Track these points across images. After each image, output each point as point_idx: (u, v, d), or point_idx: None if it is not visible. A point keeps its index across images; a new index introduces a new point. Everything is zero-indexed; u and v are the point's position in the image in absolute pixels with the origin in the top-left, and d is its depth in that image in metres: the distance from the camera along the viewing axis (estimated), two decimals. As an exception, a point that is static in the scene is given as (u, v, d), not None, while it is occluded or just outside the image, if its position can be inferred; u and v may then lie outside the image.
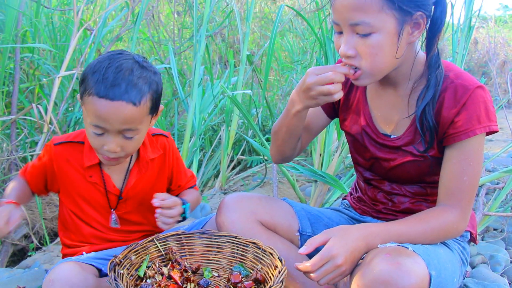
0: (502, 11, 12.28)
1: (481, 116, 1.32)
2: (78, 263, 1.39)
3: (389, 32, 1.27)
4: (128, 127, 1.39)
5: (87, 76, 1.38)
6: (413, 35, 1.31)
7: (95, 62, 1.40)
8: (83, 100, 1.39)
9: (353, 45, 1.29)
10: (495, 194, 2.67)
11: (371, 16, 1.25)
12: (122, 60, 1.39)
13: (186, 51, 4.38)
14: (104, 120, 1.36)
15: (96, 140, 1.42)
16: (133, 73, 1.37)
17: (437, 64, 1.36)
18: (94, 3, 3.84)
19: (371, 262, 1.21)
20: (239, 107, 2.31)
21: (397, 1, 1.24)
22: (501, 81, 6.89)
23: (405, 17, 1.27)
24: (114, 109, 1.34)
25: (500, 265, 2.10)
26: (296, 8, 4.81)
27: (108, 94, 1.34)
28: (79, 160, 1.54)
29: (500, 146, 4.14)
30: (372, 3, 1.24)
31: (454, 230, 1.36)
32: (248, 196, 1.61)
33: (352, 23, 1.27)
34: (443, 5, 1.32)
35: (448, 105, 1.34)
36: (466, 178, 1.34)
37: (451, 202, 1.36)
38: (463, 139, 1.33)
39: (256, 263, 1.47)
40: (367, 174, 1.60)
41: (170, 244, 1.54)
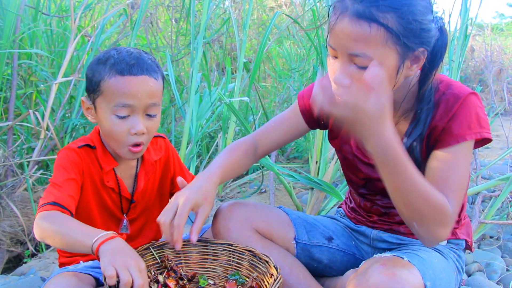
0: (498, 19, 12.35)
1: (472, 123, 1.29)
2: (75, 273, 1.38)
3: (389, 67, 1.20)
4: (153, 102, 1.43)
5: (97, 67, 1.41)
6: (411, 69, 1.26)
7: (101, 54, 1.44)
8: (101, 89, 1.40)
9: (349, 75, 1.20)
10: (491, 201, 2.67)
11: (373, 49, 1.17)
12: (127, 48, 1.45)
13: (184, 58, 4.39)
14: (133, 96, 1.39)
15: (120, 127, 1.41)
16: (143, 56, 1.44)
17: (428, 99, 1.32)
18: (92, 9, 3.84)
19: (366, 272, 1.21)
20: (236, 114, 2.31)
21: (403, 37, 1.17)
22: (498, 88, 6.90)
23: (407, 53, 1.21)
24: (140, 83, 1.39)
25: (496, 273, 2.10)
26: (294, 16, 4.82)
27: (131, 71, 1.39)
28: (97, 164, 1.53)
29: (496, 154, 4.15)
30: (376, 36, 1.16)
31: (440, 220, 1.21)
32: (244, 204, 1.62)
33: (351, 53, 1.19)
34: (443, 40, 1.27)
35: (441, 116, 1.32)
36: (454, 178, 1.27)
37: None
38: (452, 144, 1.29)
39: (252, 271, 1.46)
40: (361, 190, 1.59)
41: (166, 252, 1.53)
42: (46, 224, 1.26)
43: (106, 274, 1.09)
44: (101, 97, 1.42)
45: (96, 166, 1.52)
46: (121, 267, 1.11)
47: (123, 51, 1.43)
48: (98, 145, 1.52)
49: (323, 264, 1.64)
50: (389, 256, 1.29)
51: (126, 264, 1.12)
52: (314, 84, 1.59)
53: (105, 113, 1.42)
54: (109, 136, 1.45)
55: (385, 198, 1.53)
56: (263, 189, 3.33)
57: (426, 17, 1.21)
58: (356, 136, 1.20)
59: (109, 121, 1.42)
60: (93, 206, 1.55)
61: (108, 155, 1.52)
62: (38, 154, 2.60)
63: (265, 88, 5.19)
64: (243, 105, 3.96)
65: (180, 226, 1.33)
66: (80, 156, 1.49)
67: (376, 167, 1.21)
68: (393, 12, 1.17)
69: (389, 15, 1.16)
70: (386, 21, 1.16)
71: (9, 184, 2.56)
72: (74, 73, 2.76)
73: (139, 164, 1.60)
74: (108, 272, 1.09)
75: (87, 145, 1.52)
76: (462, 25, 2.78)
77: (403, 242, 1.55)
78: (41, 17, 3.23)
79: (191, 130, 2.97)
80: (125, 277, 1.10)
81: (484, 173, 3.37)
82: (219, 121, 3.71)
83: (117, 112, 1.40)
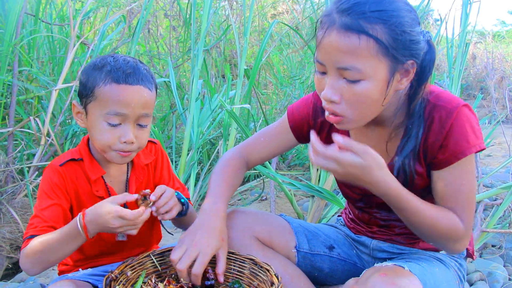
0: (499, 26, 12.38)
1: (469, 136, 1.27)
2: (73, 281, 1.37)
3: (379, 80, 1.18)
4: (146, 112, 1.43)
5: (92, 73, 1.41)
6: (401, 82, 1.24)
7: (98, 60, 1.44)
8: (94, 95, 1.40)
9: (339, 90, 1.20)
10: (493, 210, 2.66)
11: (363, 62, 1.15)
12: (123, 56, 1.45)
13: (185, 64, 4.39)
14: (127, 104, 1.39)
15: (111, 134, 1.41)
16: (139, 66, 1.44)
17: (418, 114, 1.30)
18: (93, 16, 3.85)
19: (367, 282, 1.20)
20: (237, 121, 2.31)
21: (392, 49, 1.16)
22: (499, 96, 6.91)
23: (397, 65, 1.19)
24: (135, 92, 1.39)
25: (499, 283, 2.09)
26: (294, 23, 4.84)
27: (127, 80, 1.39)
28: (84, 176, 1.52)
29: (498, 162, 4.14)
30: (366, 48, 1.15)
31: (454, 240, 1.30)
32: (245, 212, 1.61)
33: (341, 67, 1.17)
34: (432, 54, 1.25)
35: (435, 131, 1.30)
36: (462, 197, 1.29)
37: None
38: (453, 162, 1.28)
39: (252, 279, 1.45)
40: (359, 204, 1.58)
41: (167, 259, 1.52)
42: (30, 255, 1.33)
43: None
44: (94, 103, 1.41)
45: (83, 178, 1.52)
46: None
47: (120, 59, 1.43)
48: (85, 155, 1.52)
49: (324, 273, 1.63)
50: (389, 265, 1.29)
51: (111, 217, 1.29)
52: (303, 98, 1.59)
53: (96, 119, 1.42)
54: (98, 142, 1.44)
55: (383, 211, 1.52)
56: (264, 197, 3.32)
57: (415, 28, 1.20)
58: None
59: (99, 128, 1.42)
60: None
61: (95, 164, 1.52)
62: (39, 160, 2.60)
63: (266, 95, 5.19)
64: (244, 112, 3.96)
65: (199, 275, 1.35)
66: (63, 175, 1.48)
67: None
68: (382, 23, 1.15)
69: (378, 27, 1.15)
70: (375, 32, 1.15)
71: (9, 190, 2.56)
72: (74, 80, 2.76)
73: (129, 169, 1.59)
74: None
75: (71, 159, 1.51)
76: (462, 32, 2.78)
77: (403, 251, 1.54)
78: (41, 24, 3.24)
79: (192, 136, 2.97)
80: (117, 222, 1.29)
81: (486, 181, 3.36)
82: (220, 128, 3.71)
83: (109, 119, 1.40)
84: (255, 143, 1.64)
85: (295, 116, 1.59)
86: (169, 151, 3.45)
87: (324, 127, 1.53)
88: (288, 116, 1.61)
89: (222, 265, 1.38)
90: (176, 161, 3.27)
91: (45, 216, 1.40)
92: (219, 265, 1.38)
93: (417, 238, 1.51)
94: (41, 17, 3.19)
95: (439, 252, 1.50)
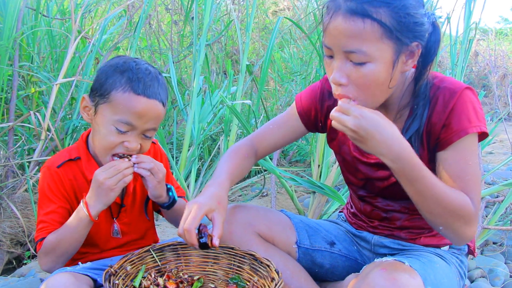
0: (502, 24, 12.35)
1: (471, 116, 1.28)
2: (73, 273, 1.37)
3: (384, 62, 1.21)
4: (154, 126, 1.46)
5: (113, 74, 1.41)
6: (406, 64, 1.26)
7: (120, 62, 1.44)
8: (110, 97, 1.40)
9: (346, 73, 1.23)
10: (495, 207, 2.66)
11: (368, 45, 1.19)
12: (145, 64, 1.46)
13: (185, 60, 4.38)
14: (140, 116, 1.40)
15: (115, 138, 1.42)
16: (158, 78, 1.45)
17: (424, 94, 1.32)
18: (94, 11, 3.84)
19: (367, 277, 1.20)
20: (238, 117, 2.30)
21: (396, 31, 1.19)
22: (502, 93, 6.90)
23: (402, 47, 1.22)
24: (151, 106, 1.41)
25: (500, 279, 2.08)
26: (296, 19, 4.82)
27: (146, 92, 1.40)
28: (82, 175, 1.52)
29: (500, 159, 4.13)
30: (371, 31, 1.18)
31: (465, 221, 1.25)
32: (246, 207, 1.60)
33: (347, 50, 1.20)
34: (436, 35, 1.28)
35: (438, 111, 1.31)
36: (469, 177, 1.28)
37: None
38: (455, 140, 1.28)
39: (253, 275, 1.45)
40: (361, 192, 1.58)
41: (166, 255, 1.52)
42: (49, 252, 1.45)
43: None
44: (107, 105, 1.41)
45: (81, 178, 1.52)
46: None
47: (142, 67, 1.43)
48: (83, 153, 1.52)
49: (325, 268, 1.62)
50: (390, 260, 1.29)
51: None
52: (311, 85, 1.60)
53: (105, 121, 1.42)
54: (100, 142, 1.45)
55: (385, 200, 1.52)
56: (265, 193, 3.32)
57: (418, 11, 1.22)
58: (371, 151, 1.23)
59: (106, 130, 1.42)
60: None
61: (92, 163, 1.52)
62: (39, 155, 2.59)
63: (268, 91, 5.18)
64: (245, 108, 3.95)
65: (191, 230, 1.31)
66: (61, 177, 1.50)
67: (396, 177, 1.25)
68: (386, 7, 1.18)
69: (382, 10, 1.18)
70: (379, 16, 1.18)
71: (9, 185, 2.55)
72: (75, 75, 2.75)
73: None
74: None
75: (69, 159, 1.52)
76: (465, 29, 2.76)
77: (405, 247, 1.53)
78: (42, 19, 3.23)
79: (193, 132, 2.96)
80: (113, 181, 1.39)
81: (488, 179, 3.35)
82: (221, 124, 3.70)
83: (118, 125, 1.40)
84: (264, 131, 1.65)
85: (303, 103, 1.60)
86: (170, 147, 3.45)
87: (330, 111, 1.53)
88: (296, 102, 1.62)
89: (217, 228, 1.35)
90: (177, 156, 3.26)
91: (51, 219, 1.46)
92: (215, 229, 1.36)
93: (418, 233, 1.51)
94: (42, 12, 3.18)
95: (440, 249, 1.50)
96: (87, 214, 1.40)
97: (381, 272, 1.19)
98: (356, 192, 1.59)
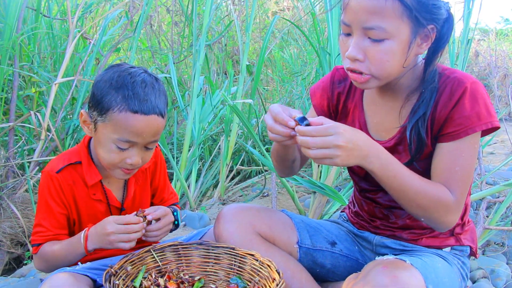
0: (503, 24, 12.34)
1: (481, 112, 1.29)
2: (72, 273, 1.37)
3: (402, 41, 1.24)
4: (155, 139, 1.44)
5: (108, 92, 1.38)
6: (421, 47, 1.29)
7: (115, 76, 1.39)
8: (107, 116, 1.38)
9: (363, 49, 1.26)
10: (496, 207, 2.65)
11: (388, 22, 1.21)
12: (141, 74, 1.41)
13: (186, 60, 4.38)
14: (139, 134, 1.38)
15: (117, 156, 1.42)
16: (155, 87, 1.42)
17: (433, 79, 1.34)
18: (94, 11, 3.84)
19: (368, 275, 1.20)
20: (239, 116, 2.29)
21: (415, 11, 1.22)
22: (502, 94, 6.89)
23: (418, 28, 1.25)
24: (149, 123, 1.38)
25: (502, 280, 2.08)
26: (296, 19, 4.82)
27: (142, 109, 1.36)
28: (81, 180, 1.52)
29: (501, 159, 4.12)
30: (391, 8, 1.21)
31: (444, 210, 1.30)
32: (246, 208, 1.60)
33: (367, 26, 1.23)
34: (450, 22, 1.30)
35: (444, 99, 1.33)
36: (458, 168, 1.31)
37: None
38: (462, 137, 1.30)
39: (253, 275, 1.44)
40: (363, 184, 1.57)
41: (167, 255, 1.52)
42: (42, 261, 1.50)
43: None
44: (106, 124, 1.40)
45: (80, 183, 1.52)
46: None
47: (138, 80, 1.39)
48: (84, 158, 1.52)
49: (326, 269, 1.62)
50: (391, 258, 1.29)
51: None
52: (323, 77, 1.63)
53: (106, 139, 1.41)
54: (103, 159, 1.45)
55: (387, 195, 1.51)
56: (266, 193, 3.31)
57: None
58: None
59: (107, 147, 1.42)
60: (85, 219, 1.56)
61: (93, 168, 1.52)
62: (39, 155, 2.59)
63: (268, 91, 5.18)
64: (245, 108, 3.95)
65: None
66: (60, 183, 1.49)
67: (378, 178, 1.28)
68: None
69: None
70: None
71: (10, 185, 2.55)
72: (76, 74, 2.75)
73: None
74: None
75: (68, 164, 1.51)
76: (464, 29, 2.76)
77: (406, 248, 1.53)
78: (42, 19, 3.23)
79: (193, 132, 2.96)
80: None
81: (489, 179, 3.34)
82: (222, 124, 3.70)
83: (118, 143, 1.40)
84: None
85: (316, 94, 1.62)
86: (171, 147, 3.44)
87: (340, 98, 1.57)
88: (311, 96, 1.64)
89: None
90: (177, 157, 3.26)
91: (48, 224, 1.49)
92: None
93: (420, 234, 1.51)
94: (43, 12, 3.18)
95: (442, 250, 1.49)
96: (83, 246, 1.42)
97: (382, 270, 1.19)
98: (358, 184, 1.59)
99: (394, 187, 1.28)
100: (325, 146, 1.17)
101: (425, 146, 1.37)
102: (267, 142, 3.95)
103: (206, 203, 3.17)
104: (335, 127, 1.18)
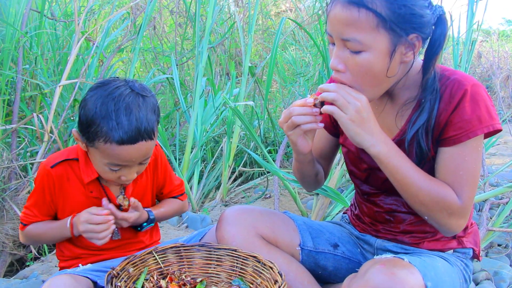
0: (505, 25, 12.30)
1: (482, 115, 1.28)
2: (72, 275, 1.38)
3: (380, 52, 1.23)
4: (147, 157, 1.45)
5: (93, 122, 1.35)
6: (406, 55, 1.27)
7: (98, 104, 1.35)
8: (95, 144, 1.38)
9: (343, 59, 1.26)
10: (499, 209, 2.64)
11: (362, 34, 1.21)
12: (124, 97, 1.36)
13: (189, 61, 4.39)
14: (128, 160, 1.40)
15: (111, 174, 1.44)
16: (141, 108, 1.38)
17: (432, 87, 1.32)
18: (98, 14, 3.85)
19: (366, 273, 1.20)
20: (241, 118, 2.29)
21: (392, 22, 1.20)
22: (505, 95, 6.87)
23: (399, 38, 1.23)
24: (136, 150, 1.38)
25: (505, 282, 2.07)
26: (299, 21, 4.82)
27: (129, 139, 1.35)
28: (78, 177, 1.52)
29: (504, 161, 4.11)
30: (366, 20, 1.20)
31: (448, 212, 1.30)
32: (249, 210, 1.59)
33: (343, 38, 1.23)
34: (442, 28, 1.28)
35: (445, 101, 1.31)
36: (462, 172, 1.30)
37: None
38: (464, 141, 1.29)
39: (256, 277, 1.44)
40: (364, 187, 1.57)
41: (169, 257, 1.52)
42: (28, 237, 1.58)
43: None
44: (95, 149, 1.40)
45: (74, 179, 1.52)
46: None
47: (122, 106, 1.34)
48: (82, 156, 1.51)
49: (328, 271, 1.61)
50: (389, 257, 1.29)
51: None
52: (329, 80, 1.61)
53: (98, 161, 1.43)
54: (97, 171, 1.48)
55: (388, 197, 1.51)
56: (268, 195, 3.31)
57: (418, 2, 1.23)
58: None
59: (101, 168, 1.45)
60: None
61: (90, 166, 1.51)
62: (42, 157, 2.59)
63: (270, 93, 5.17)
64: (248, 109, 3.95)
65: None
66: (53, 178, 1.50)
67: (382, 166, 1.30)
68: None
69: (377, 1, 1.20)
70: (375, 6, 1.20)
71: (12, 187, 2.55)
72: (79, 77, 2.75)
73: None
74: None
75: (65, 159, 1.51)
76: (468, 30, 2.75)
77: (408, 251, 1.52)
78: (46, 21, 3.23)
79: (195, 134, 2.96)
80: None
81: (492, 180, 3.33)
82: (224, 126, 3.70)
83: (109, 166, 1.42)
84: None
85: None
86: (173, 149, 3.44)
87: None
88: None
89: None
90: (179, 158, 3.26)
91: (36, 211, 1.54)
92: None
93: (422, 238, 1.50)
94: (46, 14, 3.18)
95: (445, 253, 1.49)
96: (69, 231, 1.49)
97: (380, 267, 1.19)
98: (360, 187, 1.59)
99: (398, 179, 1.29)
100: (346, 98, 1.23)
101: (426, 155, 1.36)
102: (269, 144, 3.94)
103: (208, 204, 3.17)
104: (359, 95, 1.25)
